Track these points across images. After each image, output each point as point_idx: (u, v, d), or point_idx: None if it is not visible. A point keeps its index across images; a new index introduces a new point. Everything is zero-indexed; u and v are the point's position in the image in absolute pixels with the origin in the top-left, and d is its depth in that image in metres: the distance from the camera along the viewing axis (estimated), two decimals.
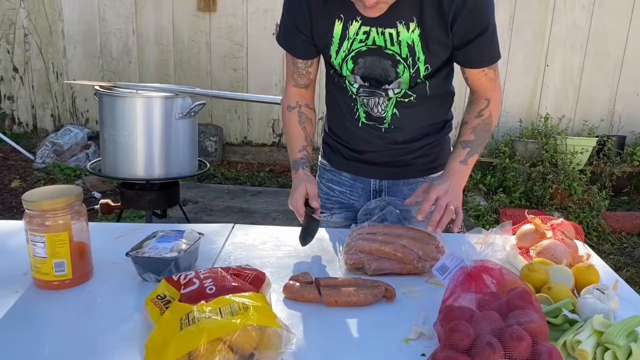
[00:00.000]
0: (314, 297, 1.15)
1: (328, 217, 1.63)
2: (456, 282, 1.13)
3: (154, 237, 1.31)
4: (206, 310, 0.92)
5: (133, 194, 2.39)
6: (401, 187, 1.57)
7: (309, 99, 1.56)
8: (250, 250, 1.41)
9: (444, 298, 1.09)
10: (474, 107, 1.45)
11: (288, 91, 1.55)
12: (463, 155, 1.40)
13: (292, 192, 1.42)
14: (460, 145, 1.42)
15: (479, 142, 1.42)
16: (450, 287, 1.12)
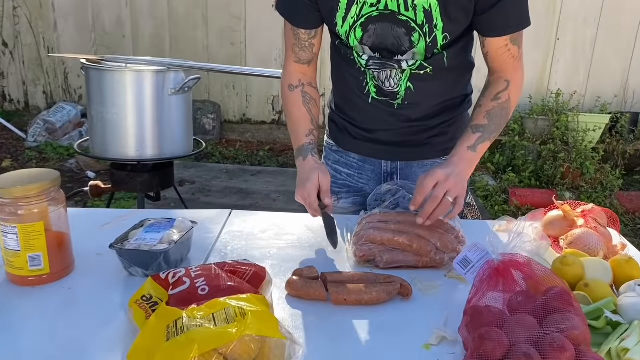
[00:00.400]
0: (320, 295, 1.02)
1: (335, 203, 1.49)
2: (481, 278, 1.00)
3: (141, 226, 1.17)
4: (197, 316, 0.80)
5: (124, 175, 2.25)
6: (415, 169, 1.43)
7: (311, 77, 1.41)
8: (249, 240, 1.28)
9: (470, 297, 0.96)
10: (491, 89, 1.29)
11: (289, 68, 1.39)
12: (473, 140, 1.23)
13: (302, 182, 1.25)
14: (471, 129, 1.25)
15: (492, 128, 1.25)
16: (475, 285, 0.99)
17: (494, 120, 1.26)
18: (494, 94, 1.28)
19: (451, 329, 0.95)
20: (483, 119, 1.25)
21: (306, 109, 1.37)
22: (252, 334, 0.74)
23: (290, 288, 1.04)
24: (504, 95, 1.27)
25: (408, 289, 1.04)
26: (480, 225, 1.45)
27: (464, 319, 0.91)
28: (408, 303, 1.04)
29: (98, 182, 2.31)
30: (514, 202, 3.74)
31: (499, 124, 1.26)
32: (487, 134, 1.25)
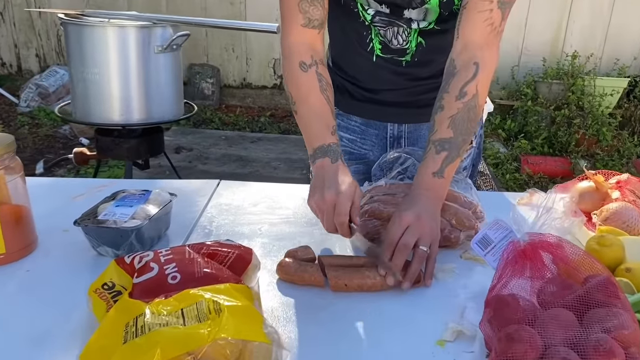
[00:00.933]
0: (316, 280, 0.88)
1: None
2: (505, 262, 0.85)
3: (113, 199, 1.02)
4: (163, 311, 0.65)
5: (109, 141, 2.09)
6: (425, 133, 1.27)
7: (322, 51, 1.13)
8: (237, 215, 1.13)
9: (492, 285, 0.81)
10: (455, 80, 1.01)
11: (295, 38, 1.08)
12: (438, 163, 0.97)
13: (331, 188, 0.95)
14: (434, 146, 0.98)
15: (459, 141, 0.98)
16: (498, 270, 0.84)
17: (460, 129, 0.98)
18: (459, 87, 1.00)
19: (469, 321, 0.81)
20: (447, 129, 0.98)
21: (324, 97, 1.07)
22: (227, 336, 0.60)
23: (282, 272, 0.90)
24: (471, 88, 1.00)
25: (419, 275, 0.90)
26: (499, 198, 1.30)
27: (486, 312, 0.77)
28: (418, 290, 0.89)
29: (83, 148, 2.16)
30: (525, 170, 3.58)
31: (467, 130, 0.99)
32: (454, 151, 0.98)
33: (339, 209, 0.93)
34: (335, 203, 0.93)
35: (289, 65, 1.09)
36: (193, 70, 4.94)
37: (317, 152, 1.03)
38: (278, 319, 0.81)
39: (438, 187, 0.98)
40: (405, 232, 0.90)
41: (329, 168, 1.00)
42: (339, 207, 0.93)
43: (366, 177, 1.29)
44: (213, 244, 0.82)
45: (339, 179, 0.97)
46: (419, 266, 0.89)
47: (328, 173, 0.99)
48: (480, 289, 0.90)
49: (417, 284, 0.89)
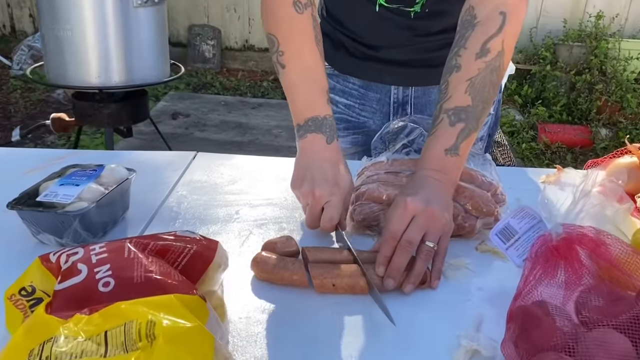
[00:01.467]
0: (299, 279, 0.71)
1: None
2: (533, 261, 0.68)
3: (59, 175, 0.86)
4: (81, 334, 0.49)
5: (87, 106, 1.91)
6: (434, 98, 1.08)
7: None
8: (212, 194, 0.96)
9: (518, 291, 0.64)
10: (475, 35, 0.82)
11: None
12: (452, 136, 0.79)
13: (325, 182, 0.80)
14: (447, 116, 0.80)
15: (479, 109, 0.80)
16: (524, 271, 0.67)
17: (480, 95, 0.79)
18: (481, 42, 0.81)
19: (487, 337, 0.65)
20: (464, 95, 0.79)
21: (319, 51, 0.88)
22: None
23: (257, 268, 0.73)
24: (495, 43, 0.80)
25: (425, 274, 0.73)
26: (520, 175, 1.11)
27: (510, 329, 0.60)
28: (422, 293, 0.72)
29: (62, 114, 1.99)
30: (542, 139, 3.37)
31: (487, 99, 0.80)
32: (472, 123, 0.79)
33: (329, 213, 0.77)
34: (325, 202, 0.78)
35: (279, 4, 0.87)
36: (193, 32, 4.71)
37: (308, 124, 0.86)
38: (245, 334, 0.64)
39: (451, 167, 0.79)
40: (411, 224, 0.72)
41: (322, 151, 0.83)
42: (330, 212, 0.77)
43: (365, 151, 1.11)
44: (165, 236, 0.65)
45: (334, 173, 0.80)
46: (424, 265, 0.72)
47: (321, 159, 0.82)
48: (501, 291, 0.74)
49: (422, 285, 0.72)
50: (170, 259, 0.62)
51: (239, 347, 0.62)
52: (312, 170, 0.81)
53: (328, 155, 0.83)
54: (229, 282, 0.73)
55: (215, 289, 0.64)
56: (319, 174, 0.80)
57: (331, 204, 0.78)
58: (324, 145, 0.85)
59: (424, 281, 0.72)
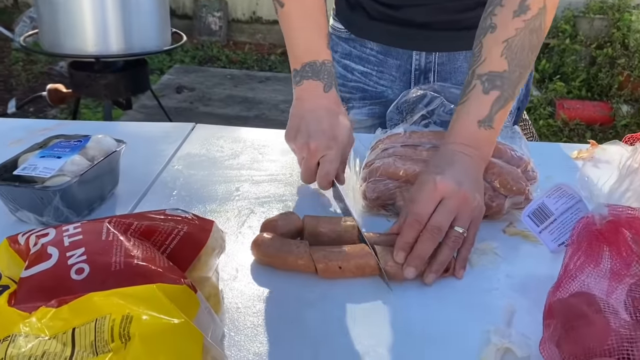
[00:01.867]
0: (304, 264, 0.63)
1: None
2: (574, 247, 0.59)
3: (40, 147, 0.77)
4: (45, 331, 0.41)
5: (84, 77, 1.81)
6: (460, 64, 0.98)
7: None
8: (210, 169, 0.88)
9: (557, 282, 0.56)
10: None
11: None
12: (486, 106, 0.70)
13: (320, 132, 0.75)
14: (480, 82, 0.70)
15: (516, 75, 0.70)
16: (564, 259, 0.58)
17: (518, 59, 0.70)
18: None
19: (520, 333, 0.56)
20: (500, 59, 0.70)
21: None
22: None
23: (258, 251, 0.65)
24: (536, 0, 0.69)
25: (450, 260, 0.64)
26: (550, 150, 1.02)
27: (550, 326, 0.52)
28: (444, 282, 0.64)
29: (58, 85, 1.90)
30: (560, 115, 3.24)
31: (525, 64, 0.71)
32: (508, 90, 0.70)
33: (326, 168, 0.71)
34: (321, 156, 0.72)
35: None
36: (199, 3, 4.57)
37: (305, 69, 0.79)
38: (244, 327, 0.57)
39: (484, 141, 0.70)
40: (439, 207, 0.64)
41: (318, 100, 0.77)
42: (326, 167, 0.71)
43: (383, 123, 1.02)
44: (152, 215, 0.57)
45: (331, 123, 0.73)
46: (451, 254, 0.63)
47: (317, 108, 0.76)
48: (533, 280, 0.65)
49: (445, 274, 0.64)
50: (157, 241, 0.54)
51: (236, 342, 0.54)
52: (307, 120, 0.76)
53: (325, 104, 0.78)
54: (225, 267, 0.65)
55: (209, 276, 0.56)
56: (315, 125, 0.75)
57: (327, 158, 0.73)
58: (320, 93, 0.79)
59: (447, 269, 0.64)
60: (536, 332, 0.57)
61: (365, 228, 0.69)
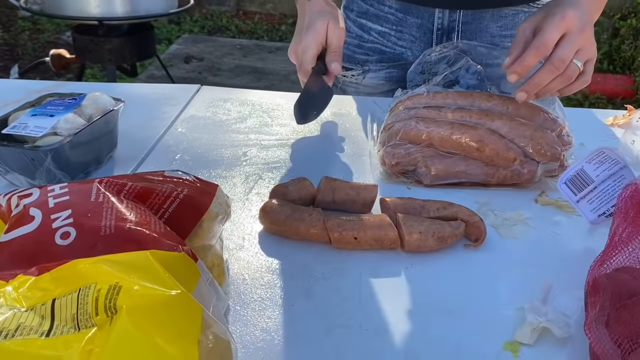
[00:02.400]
0: (317, 233, 0.57)
1: (357, 78, 0.99)
2: (619, 217, 0.53)
3: (32, 105, 0.72)
4: (22, 302, 0.37)
5: (87, 41, 1.74)
6: (487, 24, 0.90)
7: None
8: (216, 133, 0.82)
9: (603, 256, 0.50)
10: None
11: None
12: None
13: (300, 32, 0.78)
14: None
15: None
16: (611, 231, 0.52)
17: None
18: None
19: (557, 310, 0.51)
20: None
21: None
22: None
23: (267, 220, 0.59)
24: None
25: (479, 229, 0.58)
26: (582, 115, 0.94)
27: (594, 304, 0.46)
28: (474, 254, 0.58)
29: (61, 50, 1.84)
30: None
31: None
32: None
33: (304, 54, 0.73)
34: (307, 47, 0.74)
35: None
36: None
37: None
38: (250, 300, 0.51)
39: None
40: (564, 40, 0.66)
41: (305, 7, 0.77)
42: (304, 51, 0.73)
43: (401, 87, 0.95)
44: (149, 176, 0.51)
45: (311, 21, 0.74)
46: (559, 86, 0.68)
47: (305, 13, 0.76)
48: (570, 253, 0.59)
49: (475, 244, 0.58)
50: (153, 205, 0.48)
51: (241, 317, 0.49)
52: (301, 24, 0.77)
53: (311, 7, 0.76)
54: (231, 235, 0.59)
55: (212, 244, 0.51)
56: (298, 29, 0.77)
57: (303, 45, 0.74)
58: (304, 3, 0.78)
59: (478, 239, 0.58)
60: (573, 310, 0.51)
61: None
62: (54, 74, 2.06)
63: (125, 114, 0.74)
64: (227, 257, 0.56)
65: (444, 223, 0.57)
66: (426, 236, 0.55)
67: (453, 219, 0.59)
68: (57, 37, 3.73)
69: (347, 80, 1.00)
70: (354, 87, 1.00)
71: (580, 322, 0.50)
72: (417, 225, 0.55)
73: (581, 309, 0.51)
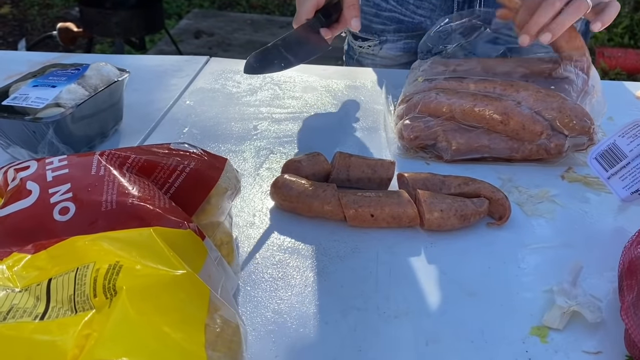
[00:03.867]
0: (332, 210, 0.54)
1: (374, 49, 0.95)
2: None
3: (33, 77, 0.69)
4: (16, 282, 0.34)
5: (95, 14, 1.71)
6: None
7: None
8: (225, 106, 0.78)
9: (638, 236, 0.46)
10: None
11: None
12: None
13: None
14: None
15: None
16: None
17: None
18: None
19: (588, 294, 0.47)
20: None
21: None
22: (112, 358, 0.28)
23: (279, 196, 0.56)
24: None
25: (504, 206, 0.55)
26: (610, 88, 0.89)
27: (630, 286, 0.43)
28: (498, 233, 0.55)
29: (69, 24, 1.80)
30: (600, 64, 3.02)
31: None
32: None
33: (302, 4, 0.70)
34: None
35: None
36: None
37: None
38: (261, 280, 0.49)
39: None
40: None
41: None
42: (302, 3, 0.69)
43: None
44: (154, 149, 0.48)
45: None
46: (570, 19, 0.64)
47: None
48: (599, 233, 0.56)
49: (499, 222, 0.55)
50: (158, 179, 0.45)
51: (252, 298, 0.46)
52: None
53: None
54: (241, 212, 0.57)
55: (220, 220, 0.48)
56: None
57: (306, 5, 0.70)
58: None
59: (502, 217, 0.54)
60: (607, 294, 0.48)
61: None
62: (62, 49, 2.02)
63: (132, 85, 0.71)
64: (236, 234, 0.53)
65: (466, 200, 0.53)
66: (448, 214, 0.52)
67: (475, 195, 0.55)
68: (66, 12, 3.69)
69: (364, 51, 0.96)
70: (370, 58, 0.96)
71: (612, 306, 0.47)
72: (439, 203, 0.52)
73: (613, 291, 0.48)
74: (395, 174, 0.59)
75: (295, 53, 0.73)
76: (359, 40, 0.96)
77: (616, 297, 0.46)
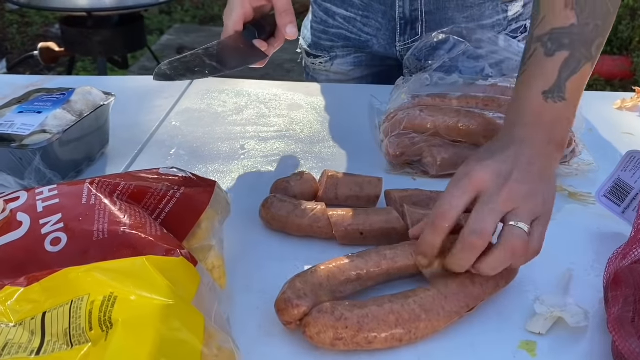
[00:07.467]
0: (322, 229, 0.55)
1: (325, 65, 0.96)
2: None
3: (19, 102, 0.69)
4: (10, 316, 0.34)
5: (76, 33, 1.70)
6: (452, 15, 0.84)
7: None
8: (212, 126, 0.79)
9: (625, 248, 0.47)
10: None
11: None
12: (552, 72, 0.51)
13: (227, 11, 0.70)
14: (541, 44, 0.53)
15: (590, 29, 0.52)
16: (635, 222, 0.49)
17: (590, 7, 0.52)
18: None
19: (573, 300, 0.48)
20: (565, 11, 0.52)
21: None
22: None
23: (268, 216, 0.57)
24: None
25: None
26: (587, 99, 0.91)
27: (616, 297, 0.44)
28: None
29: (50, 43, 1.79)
30: None
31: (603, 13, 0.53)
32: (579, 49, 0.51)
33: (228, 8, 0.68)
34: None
35: None
36: None
37: None
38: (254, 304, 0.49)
39: (554, 118, 0.51)
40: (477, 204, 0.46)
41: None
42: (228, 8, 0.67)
43: (375, 74, 0.92)
44: (144, 174, 0.48)
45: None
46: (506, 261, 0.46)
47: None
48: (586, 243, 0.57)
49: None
50: (149, 205, 0.46)
51: (244, 321, 0.47)
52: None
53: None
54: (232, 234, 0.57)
55: (212, 244, 0.48)
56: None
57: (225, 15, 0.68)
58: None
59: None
60: (592, 302, 0.49)
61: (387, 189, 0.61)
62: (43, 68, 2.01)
63: (117, 108, 0.71)
64: (227, 256, 0.53)
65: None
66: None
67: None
68: (46, 30, 3.67)
69: (317, 67, 0.97)
70: (324, 74, 0.97)
71: (599, 317, 0.48)
72: (418, 213, 0.53)
73: (599, 302, 0.49)
74: (383, 191, 0.60)
75: (222, 60, 0.69)
76: (311, 57, 0.97)
77: (602, 307, 0.47)
